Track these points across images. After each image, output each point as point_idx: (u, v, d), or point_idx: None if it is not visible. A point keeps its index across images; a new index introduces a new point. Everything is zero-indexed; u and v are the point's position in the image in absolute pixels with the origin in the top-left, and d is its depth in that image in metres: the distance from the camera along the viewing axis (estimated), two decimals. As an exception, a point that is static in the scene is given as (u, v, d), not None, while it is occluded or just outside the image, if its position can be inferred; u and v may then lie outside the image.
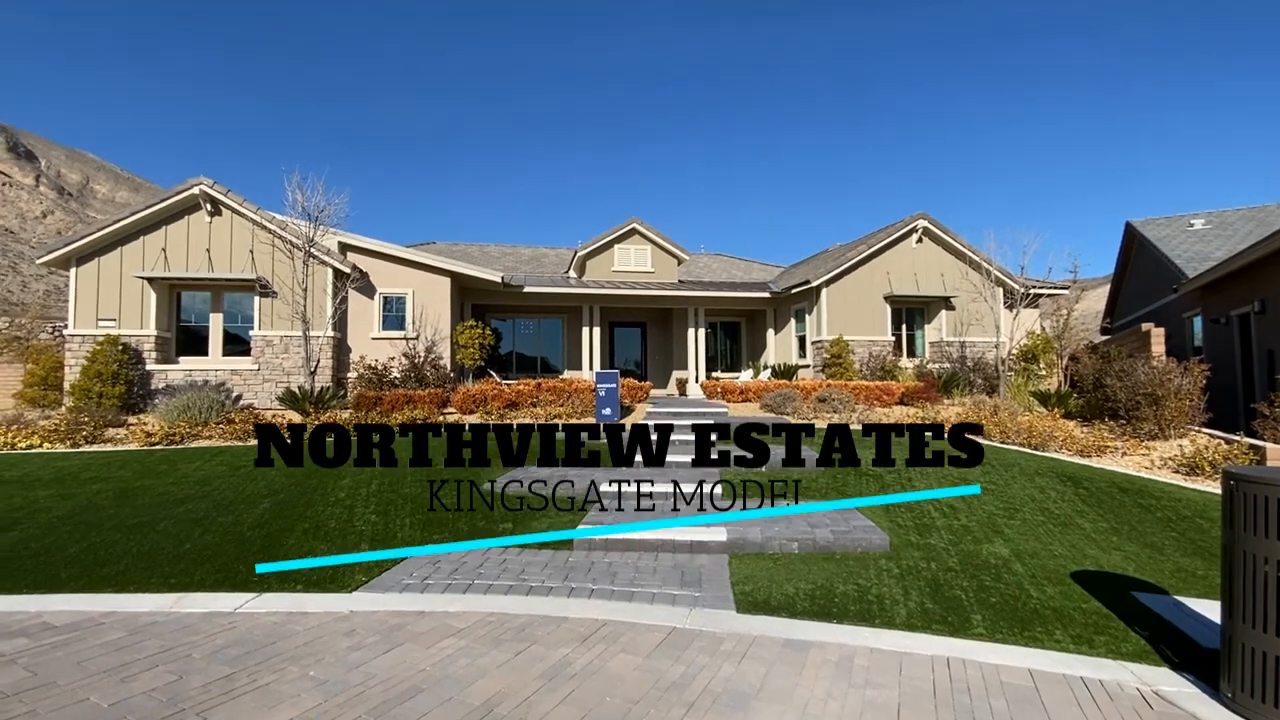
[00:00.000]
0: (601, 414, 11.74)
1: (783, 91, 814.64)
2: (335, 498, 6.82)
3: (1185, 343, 16.81)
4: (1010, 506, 6.80)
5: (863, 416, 11.83)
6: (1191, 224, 20.31)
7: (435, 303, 15.79)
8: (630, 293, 18.84)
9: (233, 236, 14.41)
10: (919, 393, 14.19)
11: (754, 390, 14.95)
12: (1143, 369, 10.71)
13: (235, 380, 14.23)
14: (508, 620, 4.17)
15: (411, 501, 6.73)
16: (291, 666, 3.44)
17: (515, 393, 13.11)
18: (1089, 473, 8.18)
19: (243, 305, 14.71)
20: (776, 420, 11.48)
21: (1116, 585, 4.94)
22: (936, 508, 6.69)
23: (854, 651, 3.80)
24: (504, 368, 20.26)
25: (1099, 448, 9.33)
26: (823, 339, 17.45)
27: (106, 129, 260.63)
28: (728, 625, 4.15)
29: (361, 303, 15.32)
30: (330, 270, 14.50)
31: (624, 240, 20.40)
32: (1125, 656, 3.84)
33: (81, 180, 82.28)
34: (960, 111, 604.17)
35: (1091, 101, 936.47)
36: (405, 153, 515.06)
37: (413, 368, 14.35)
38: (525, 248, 26.52)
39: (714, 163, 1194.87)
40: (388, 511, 6.44)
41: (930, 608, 4.46)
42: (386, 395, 12.44)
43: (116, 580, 4.76)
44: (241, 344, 14.64)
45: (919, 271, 18.36)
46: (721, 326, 22.70)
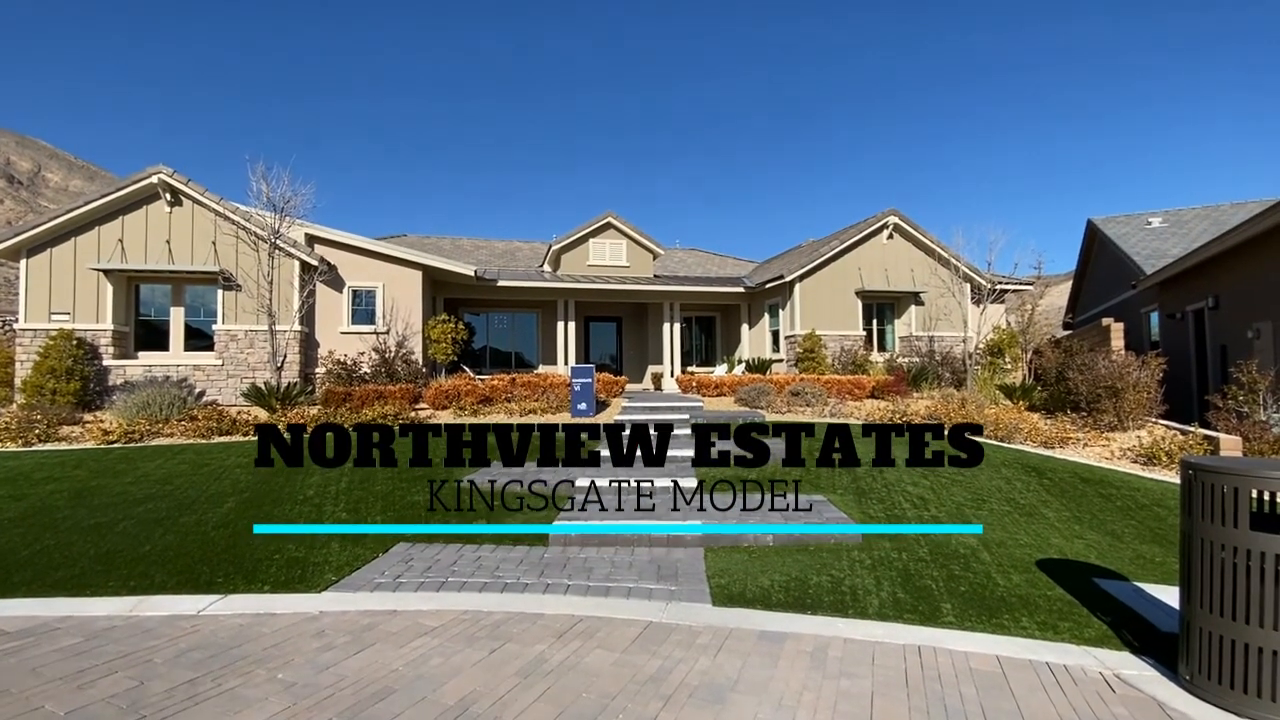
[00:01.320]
0: (577, 409, 11.68)
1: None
2: (304, 495, 6.67)
3: (1143, 337, 17.36)
4: (978, 497, 6.95)
5: (835, 410, 11.98)
6: (1149, 222, 20.95)
7: (406, 297, 15.53)
8: (605, 287, 18.78)
9: (194, 227, 13.96)
10: (889, 386, 14.41)
11: (728, 384, 15.03)
12: (1103, 363, 11.03)
13: (198, 376, 13.83)
14: (482, 618, 4.13)
15: (383, 499, 6.61)
16: (259, 669, 3.35)
17: (489, 388, 12.98)
18: (1052, 464, 8.40)
19: (206, 299, 14.29)
20: (751, 414, 11.56)
21: (1079, 572, 5.08)
22: (907, 499, 6.81)
23: (828, 642, 3.85)
24: (478, 363, 20.04)
25: (1062, 439, 9.59)
26: (796, 333, 17.62)
27: (62, 114, 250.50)
28: (704, 618, 4.16)
29: (330, 296, 14.99)
30: (297, 263, 14.16)
31: (599, 234, 20.30)
32: (1088, 641, 3.95)
33: (33, 168, 79.09)
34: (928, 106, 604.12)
35: (1056, 96, 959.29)
36: (375, 145, 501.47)
37: (383, 363, 14.11)
38: (499, 241, 26.24)
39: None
40: (358, 509, 6.32)
41: (902, 597, 4.54)
42: (356, 391, 12.21)
43: (72, 584, 4.58)
44: (205, 339, 14.23)
45: (889, 267, 18.63)
46: (697, 321, 22.77)
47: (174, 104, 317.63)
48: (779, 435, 9.57)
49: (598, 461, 8.27)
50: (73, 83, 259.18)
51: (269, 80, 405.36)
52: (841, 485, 7.29)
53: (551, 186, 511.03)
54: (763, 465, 8.08)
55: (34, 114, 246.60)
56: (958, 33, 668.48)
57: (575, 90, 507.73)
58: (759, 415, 11.48)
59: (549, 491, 6.97)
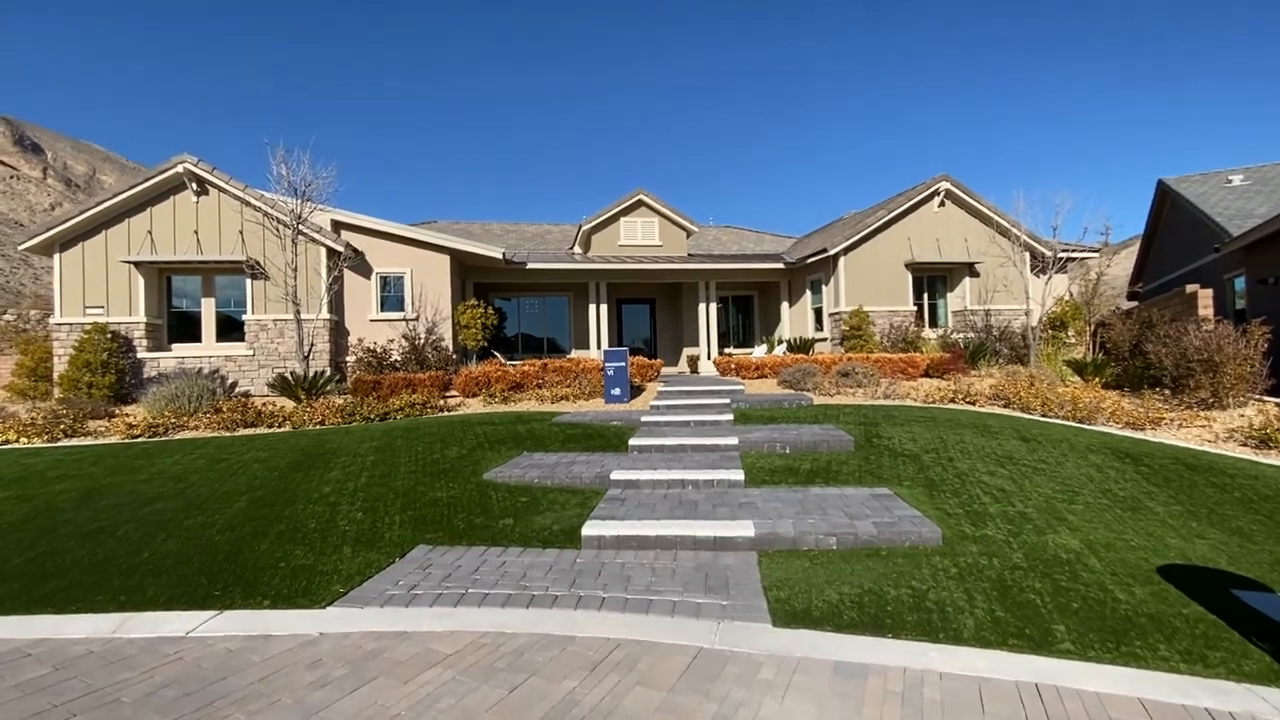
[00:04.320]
0: (611, 394, 11.07)
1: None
2: (319, 493, 6.21)
3: (1226, 304, 15.84)
4: (1068, 489, 6.08)
5: (889, 391, 11.09)
6: (1230, 180, 19.16)
7: (435, 282, 15.10)
8: (638, 267, 18.05)
9: (220, 217, 13.74)
10: (945, 364, 13.41)
11: (769, 366, 14.21)
12: (1194, 334, 9.87)
13: (230, 367, 13.68)
14: (504, 642, 3.54)
15: (403, 496, 6.10)
16: (237, 713, 2.82)
17: (520, 374, 12.47)
18: (1147, 448, 7.43)
19: (236, 289, 14.10)
20: (797, 397, 10.77)
21: (1213, 582, 4.23)
22: (986, 491, 5.99)
23: (921, 677, 3.14)
24: (509, 349, 19.62)
25: (1152, 420, 8.55)
26: (841, 310, 16.63)
27: (115, 122, 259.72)
28: (765, 643, 3.49)
29: (358, 283, 14.66)
30: (324, 250, 13.83)
31: (630, 213, 19.54)
32: (1250, 677, 3.16)
33: (88, 171, 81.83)
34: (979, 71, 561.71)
35: (1112, 59, 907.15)
36: (408, 134, 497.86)
37: (413, 350, 13.72)
38: (529, 225, 25.70)
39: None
40: (375, 508, 5.82)
41: (1002, 616, 3.78)
42: (385, 379, 11.83)
43: (59, 598, 4.16)
44: (237, 329, 14.06)
45: (941, 237, 17.43)
46: (733, 301, 21.87)
47: (218, 99, 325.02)
48: (831, 420, 8.79)
49: (633, 451, 7.64)
50: (112, 83, 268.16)
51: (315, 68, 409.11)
52: (907, 475, 6.50)
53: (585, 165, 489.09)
54: (816, 453, 7.33)
55: (85, 117, 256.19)
56: None
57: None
58: (806, 398, 10.68)
59: (582, 486, 6.37)
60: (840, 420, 8.91)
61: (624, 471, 6.55)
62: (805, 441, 7.53)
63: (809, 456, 7.20)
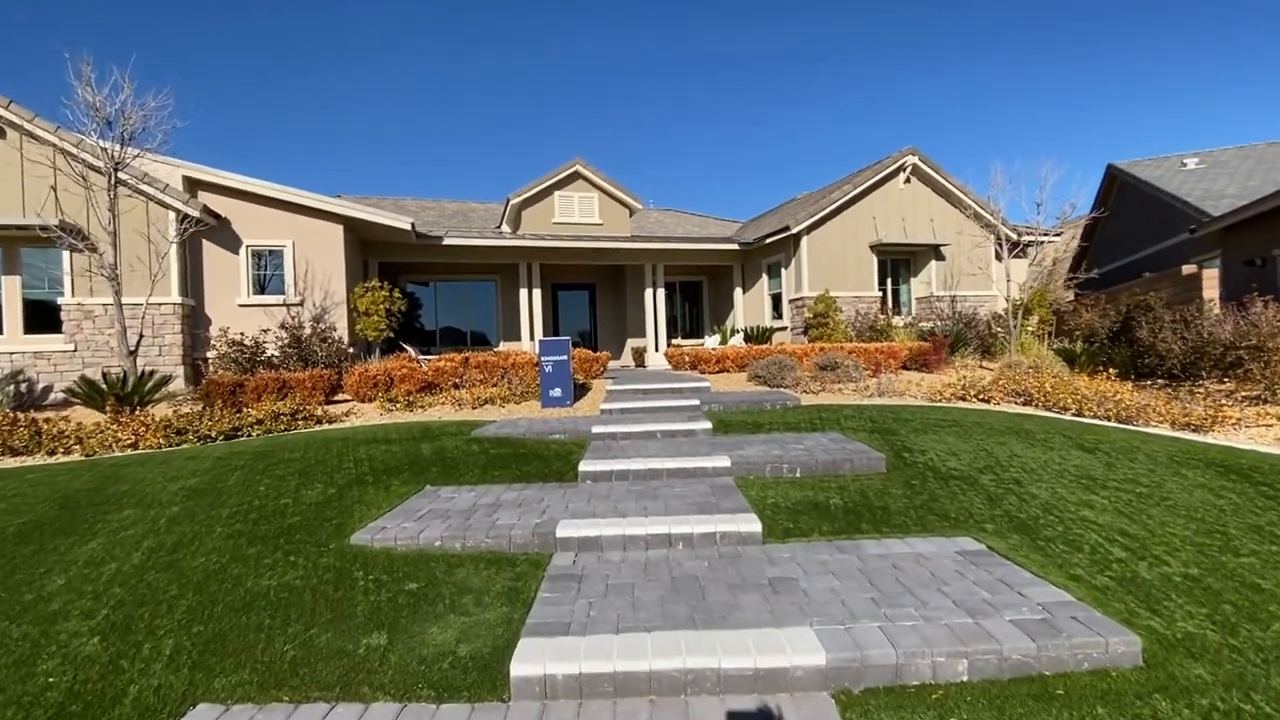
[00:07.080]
0: (550, 396, 8.76)
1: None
2: (41, 593, 3.61)
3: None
4: (1207, 527, 4.31)
5: (883, 387, 9.31)
6: (1184, 164, 18.78)
7: (325, 259, 12.25)
8: (575, 245, 15.71)
9: (24, 168, 10.44)
10: (926, 354, 11.87)
11: (732, 358, 12.26)
12: (1234, 319, 8.58)
13: (42, 366, 10.46)
14: None
15: (197, 591, 3.59)
16: None
17: (433, 370, 9.95)
18: (1239, 458, 5.85)
19: (55, 265, 10.81)
20: (778, 396, 8.81)
21: None
22: (1105, 537, 4.13)
23: None
24: (426, 342, 16.86)
25: (1213, 419, 7.09)
26: (804, 296, 14.92)
27: None
28: None
29: (223, 259, 11.64)
30: (172, 214, 10.77)
31: (566, 186, 17.17)
32: None
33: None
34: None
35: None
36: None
37: (295, 342, 10.88)
38: (449, 201, 22.80)
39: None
40: (130, 626, 3.25)
41: None
42: (251, 380, 9.04)
43: None
44: (57, 317, 10.78)
45: (907, 216, 16.02)
46: (680, 288, 19.86)
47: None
48: (833, 427, 6.86)
49: (586, 481, 5.42)
50: None
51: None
52: (981, 513, 4.58)
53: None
54: (840, 477, 5.34)
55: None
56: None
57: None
58: (789, 397, 8.73)
59: (513, 552, 4.08)
60: (845, 426, 6.99)
61: (576, 522, 4.30)
62: (819, 460, 5.52)
63: (833, 483, 5.19)
